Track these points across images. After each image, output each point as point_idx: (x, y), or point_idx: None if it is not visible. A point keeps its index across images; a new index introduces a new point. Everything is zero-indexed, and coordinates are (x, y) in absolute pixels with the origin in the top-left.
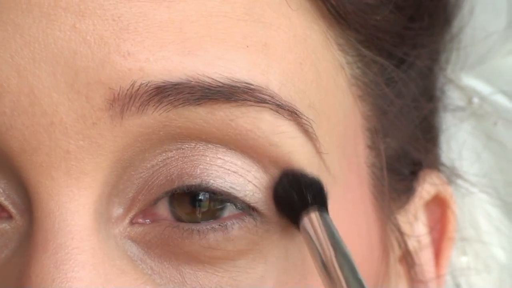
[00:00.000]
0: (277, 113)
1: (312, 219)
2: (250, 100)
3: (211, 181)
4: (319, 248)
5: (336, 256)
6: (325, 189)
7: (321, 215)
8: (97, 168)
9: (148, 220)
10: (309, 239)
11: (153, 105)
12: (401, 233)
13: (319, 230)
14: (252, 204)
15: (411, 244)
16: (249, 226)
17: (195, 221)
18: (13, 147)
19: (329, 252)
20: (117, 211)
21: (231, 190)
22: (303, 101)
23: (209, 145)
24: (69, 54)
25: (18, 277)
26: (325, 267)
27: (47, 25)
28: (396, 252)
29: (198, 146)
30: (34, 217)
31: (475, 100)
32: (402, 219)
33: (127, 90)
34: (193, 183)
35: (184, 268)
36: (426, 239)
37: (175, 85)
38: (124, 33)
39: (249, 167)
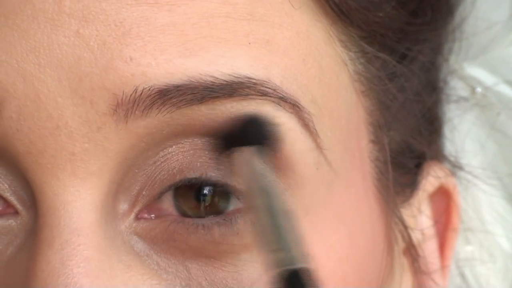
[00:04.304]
0: (279, 106)
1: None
2: (252, 94)
3: (211, 173)
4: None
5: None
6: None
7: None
8: (103, 168)
9: (153, 215)
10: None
11: (157, 108)
12: (405, 227)
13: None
14: None
15: (415, 236)
16: (253, 220)
17: (199, 215)
18: (19, 149)
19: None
20: (123, 207)
21: (231, 182)
22: (305, 96)
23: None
24: (73, 59)
25: (25, 273)
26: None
27: (51, 31)
28: (400, 244)
29: (196, 140)
30: (39, 214)
31: (478, 90)
32: (406, 213)
33: (130, 95)
34: (194, 176)
35: (190, 263)
36: (430, 231)
37: (177, 87)
38: (127, 38)
39: None
